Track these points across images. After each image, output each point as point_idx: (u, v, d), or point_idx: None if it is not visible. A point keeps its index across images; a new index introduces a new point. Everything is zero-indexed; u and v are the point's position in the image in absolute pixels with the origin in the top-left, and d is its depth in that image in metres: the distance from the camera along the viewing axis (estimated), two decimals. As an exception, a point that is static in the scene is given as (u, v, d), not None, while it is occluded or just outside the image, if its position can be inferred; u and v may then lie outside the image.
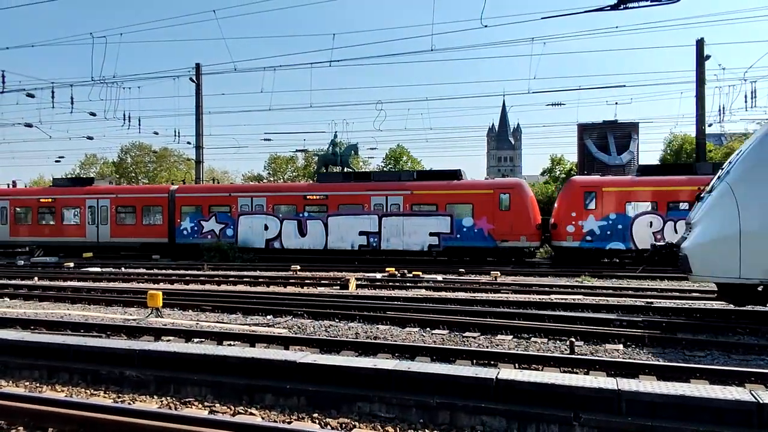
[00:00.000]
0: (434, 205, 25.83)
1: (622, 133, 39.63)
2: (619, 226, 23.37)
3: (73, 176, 32.91)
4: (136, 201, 30.02)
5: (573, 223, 23.95)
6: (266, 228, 27.70)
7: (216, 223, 28.39)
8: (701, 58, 27.73)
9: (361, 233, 26.56)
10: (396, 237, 26.12)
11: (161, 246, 29.46)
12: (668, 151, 55.26)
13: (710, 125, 30.24)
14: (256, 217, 27.88)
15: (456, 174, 26.84)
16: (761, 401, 5.15)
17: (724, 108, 29.50)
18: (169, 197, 29.46)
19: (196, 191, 30.45)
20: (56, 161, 49.59)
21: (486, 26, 19.42)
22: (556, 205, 25.76)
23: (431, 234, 25.71)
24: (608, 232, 23.47)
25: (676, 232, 21.71)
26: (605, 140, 39.36)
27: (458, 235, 25.44)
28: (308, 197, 27.47)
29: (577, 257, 24.10)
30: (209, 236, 28.31)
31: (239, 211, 28.09)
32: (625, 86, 50.19)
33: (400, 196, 26.29)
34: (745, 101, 27.82)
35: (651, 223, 23.10)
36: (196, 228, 28.67)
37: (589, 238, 23.70)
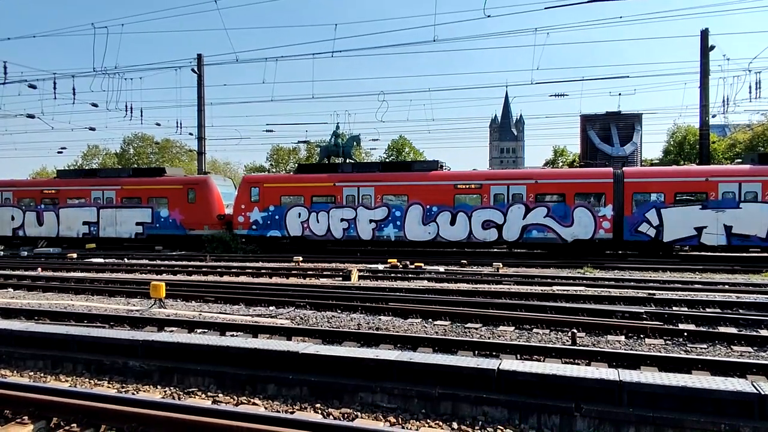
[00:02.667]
0: (139, 198, 29.77)
1: (626, 125, 39.51)
2: (277, 217, 27.13)
3: None
4: None
5: (243, 214, 27.70)
6: (13, 218, 31.53)
7: None
8: (706, 49, 27.54)
9: (84, 223, 30.46)
10: (111, 226, 30.08)
11: None
12: (671, 143, 55.08)
13: (714, 116, 30.15)
14: (4, 209, 31.73)
15: (160, 171, 31.30)
16: (762, 392, 5.16)
17: (728, 99, 29.37)
18: None
19: None
20: (58, 152, 49.83)
21: (489, 16, 19.37)
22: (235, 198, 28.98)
23: (137, 223, 29.69)
24: (269, 222, 27.24)
25: (318, 222, 26.33)
26: (608, 131, 39.24)
27: (157, 225, 29.31)
28: (44, 191, 31.29)
29: (251, 243, 27.86)
30: None
31: None
32: (628, 77, 50.13)
33: (113, 190, 30.04)
34: (750, 92, 27.72)
35: (300, 214, 26.81)
36: None
37: (254, 227, 27.48)
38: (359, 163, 27.75)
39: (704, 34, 27.66)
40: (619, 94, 53.06)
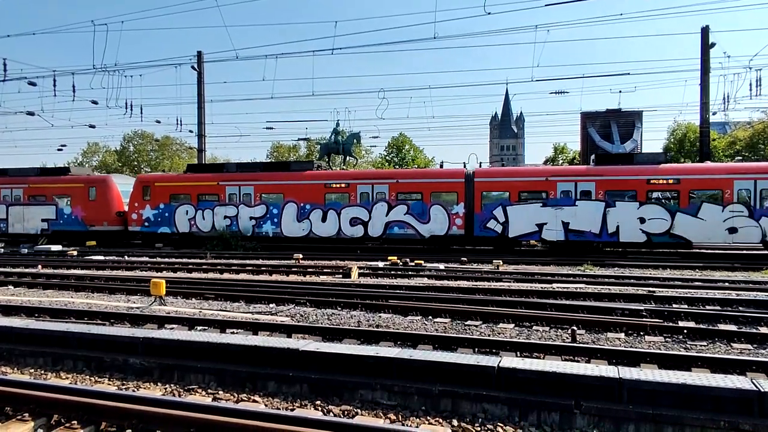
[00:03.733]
0: (45, 196, 31.31)
1: (626, 122, 39.37)
2: (167, 214, 28.87)
3: None
4: None
5: (136, 211, 29.45)
6: None
7: None
8: (706, 46, 27.50)
9: None
10: (19, 223, 31.79)
11: None
12: (672, 140, 55.05)
13: (714, 113, 30.09)
14: None
15: (65, 170, 32.96)
16: (762, 390, 5.17)
17: (728, 96, 29.30)
18: None
19: None
20: (58, 149, 49.77)
21: (489, 13, 19.32)
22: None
23: (43, 220, 31.29)
24: (159, 219, 29.01)
25: (204, 219, 28.11)
26: (608, 129, 39.10)
27: (61, 221, 30.98)
28: None
29: (143, 239, 30.02)
30: None
31: None
32: (629, 74, 49.87)
33: (21, 188, 31.75)
34: (750, 89, 27.69)
35: (187, 211, 28.63)
36: None
37: (146, 224, 29.24)
38: (243, 164, 29.98)
39: (705, 32, 27.62)
40: (620, 92, 53.04)
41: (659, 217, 22.64)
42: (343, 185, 26.56)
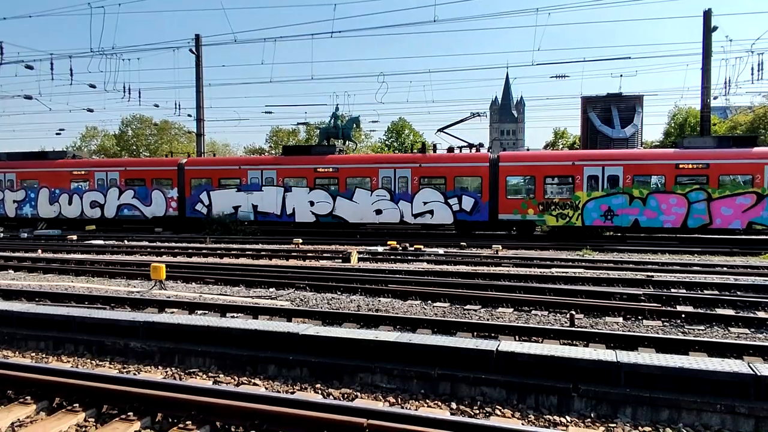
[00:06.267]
0: None
1: (627, 106, 39.14)
2: None
3: None
4: None
5: None
6: None
7: None
8: (708, 30, 27.26)
9: None
10: None
11: None
12: (672, 124, 54.90)
13: (715, 98, 29.93)
14: None
15: None
16: (758, 374, 5.20)
17: (730, 80, 29.15)
18: None
19: None
20: (57, 133, 49.74)
21: (490, -4, 19.04)
22: None
23: None
24: None
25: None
26: (609, 113, 38.90)
27: None
28: None
29: None
30: None
31: None
32: (630, 58, 49.40)
33: None
34: (752, 74, 27.50)
35: None
36: None
37: None
38: (11, 153, 33.22)
39: (707, 15, 27.38)
40: (621, 76, 52.56)
41: (324, 200, 26.76)
42: (83, 172, 30.44)
